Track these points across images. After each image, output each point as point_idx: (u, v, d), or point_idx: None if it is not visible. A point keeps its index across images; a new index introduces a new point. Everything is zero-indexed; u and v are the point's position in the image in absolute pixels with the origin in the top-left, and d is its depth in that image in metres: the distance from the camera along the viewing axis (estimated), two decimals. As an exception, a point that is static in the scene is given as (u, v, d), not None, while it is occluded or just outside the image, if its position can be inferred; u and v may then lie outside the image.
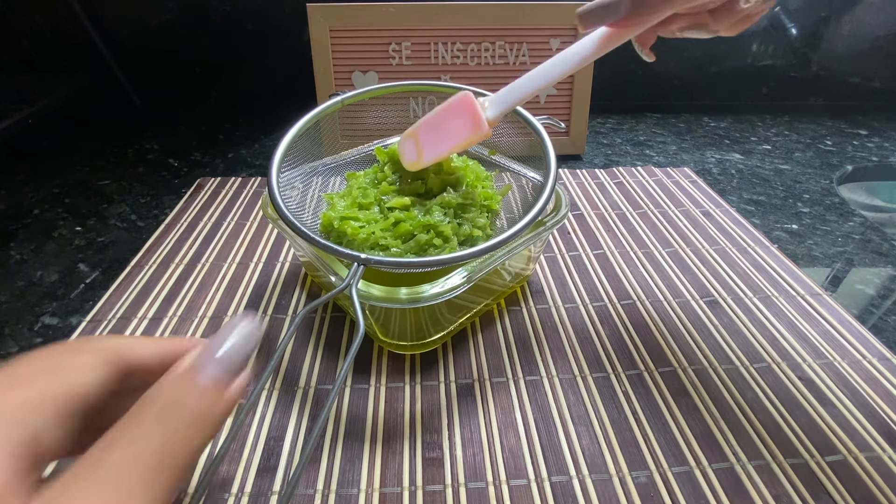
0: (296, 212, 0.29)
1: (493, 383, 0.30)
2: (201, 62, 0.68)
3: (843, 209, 0.49)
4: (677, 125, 0.69)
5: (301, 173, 0.33)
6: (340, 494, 0.24)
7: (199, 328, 0.34)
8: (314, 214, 0.32)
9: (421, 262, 0.25)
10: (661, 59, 0.71)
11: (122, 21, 0.65)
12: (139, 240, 0.43)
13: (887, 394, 0.30)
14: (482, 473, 0.25)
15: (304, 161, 0.33)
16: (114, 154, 0.58)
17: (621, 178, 0.53)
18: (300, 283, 0.38)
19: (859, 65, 0.73)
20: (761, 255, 0.41)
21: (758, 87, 0.75)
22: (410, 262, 0.25)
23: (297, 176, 0.32)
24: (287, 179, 0.31)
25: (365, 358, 0.32)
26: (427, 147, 0.29)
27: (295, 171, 0.32)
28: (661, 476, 0.25)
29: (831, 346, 0.33)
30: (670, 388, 0.30)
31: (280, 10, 0.64)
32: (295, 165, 0.32)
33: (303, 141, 0.32)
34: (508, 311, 0.35)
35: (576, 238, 0.43)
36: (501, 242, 0.25)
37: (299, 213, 0.30)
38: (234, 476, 0.25)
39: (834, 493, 0.25)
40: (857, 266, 0.41)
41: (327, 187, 0.35)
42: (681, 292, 0.37)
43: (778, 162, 0.59)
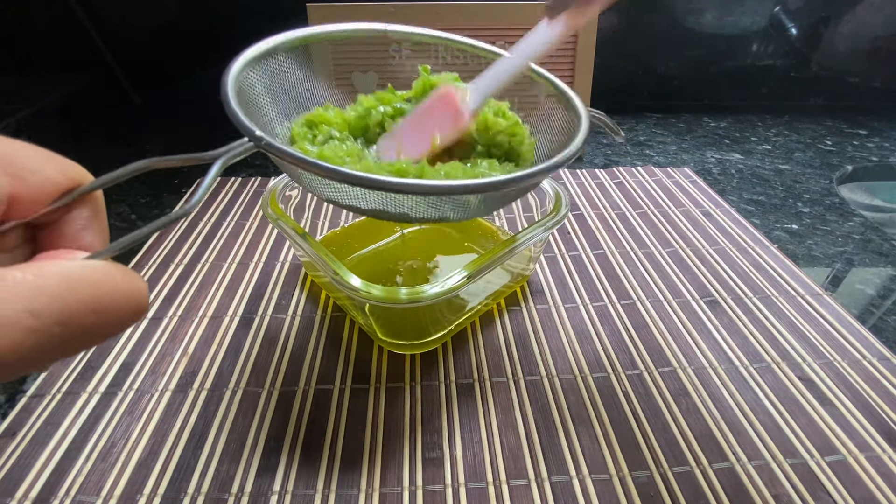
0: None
1: (493, 383, 0.30)
2: (201, 62, 0.68)
3: (843, 209, 0.49)
4: (677, 125, 0.69)
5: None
6: (340, 494, 0.24)
7: (200, 328, 0.34)
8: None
9: (361, 178, 0.20)
10: (662, 59, 0.71)
11: (122, 21, 0.65)
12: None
13: (887, 394, 0.30)
14: (482, 473, 0.25)
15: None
16: (114, 154, 0.58)
17: (621, 178, 0.53)
18: (300, 283, 0.38)
19: (859, 65, 0.73)
20: (761, 255, 0.41)
21: (758, 87, 0.75)
22: (338, 170, 0.20)
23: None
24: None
25: (365, 358, 0.32)
26: (407, 146, 0.27)
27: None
28: (661, 476, 0.25)
29: (831, 346, 0.33)
30: (670, 388, 0.30)
31: (280, 9, 0.64)
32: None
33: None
34: (508, 311, 0.35)
35: (576, 238, 0.43)
36: (505, 182, 0.22)
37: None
38: (234, 476, 0.25)
39: (834, 493, 0.25)
40: (857, 266, 0.41)
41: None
42: (681, 292, 0.37)
43: (778, 162, 0.59)
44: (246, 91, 0.26)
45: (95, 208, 0.15)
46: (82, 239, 0.15)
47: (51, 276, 0.11)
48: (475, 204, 0.25)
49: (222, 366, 0.31)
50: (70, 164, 0.15)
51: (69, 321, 0.11)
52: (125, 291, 0.13)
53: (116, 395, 0.29)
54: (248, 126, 0.21)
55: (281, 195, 0.36)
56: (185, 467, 0.25)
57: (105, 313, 0.12)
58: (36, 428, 0.27)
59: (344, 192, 0.24)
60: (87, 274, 0.12)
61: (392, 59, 0.55)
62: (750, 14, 0.69)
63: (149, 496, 0.24)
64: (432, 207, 0.24)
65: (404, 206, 0.23)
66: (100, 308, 0.12)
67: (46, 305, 0.11)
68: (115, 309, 0.12)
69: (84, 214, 0.15)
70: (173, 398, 0.29)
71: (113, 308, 0.12)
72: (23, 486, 0.24)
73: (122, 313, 0.13)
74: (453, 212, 0.25)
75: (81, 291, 0.12)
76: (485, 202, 0.26)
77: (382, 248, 0.39)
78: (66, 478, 0.25)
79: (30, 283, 0.11)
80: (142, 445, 0.26)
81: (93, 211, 0.15)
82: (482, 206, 0.26)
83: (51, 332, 0.11)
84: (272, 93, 0.28)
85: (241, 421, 0.28)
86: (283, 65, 0.29)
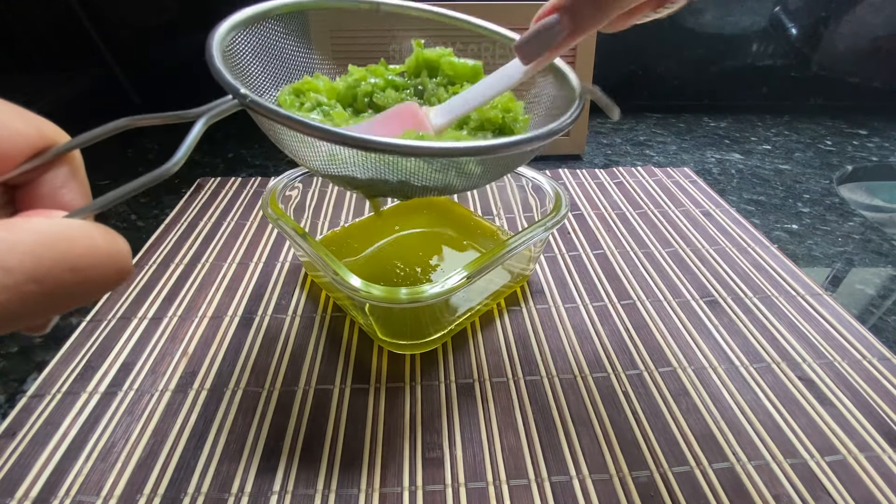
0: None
1: (493, 383, 0.30)
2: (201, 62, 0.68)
3: (843, 209, 0.49)
4: (677, 125, 0.69)
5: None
6: (340, 494, 0.24)
7: (200, 328, 0.34)
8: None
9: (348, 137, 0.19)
10: (662, 59, 0.71)
11: (122, 21, 0.65)
12: (139, 240, 0.43)
13: (887, 394, 0.30)
14: (482, 473, 0.25)
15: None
16: (114, 154, 0.58)
17: (621, 178, 0.53)
18: (300, 283, 0.38)
19: (859, 65, 0.73)
20: (761, 255, 0.41)
21: (758, 87, 0.75)
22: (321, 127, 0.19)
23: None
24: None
25: (365, 358, 0.32)
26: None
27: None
28: (661, 476, 0.25)
29: (831, 346, 0.33)
30: (670, 388, 0.30)
31: (280, 10, 0.64)
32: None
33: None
34: (508, 311, 0.35)
35: (576, 238, 0.43)
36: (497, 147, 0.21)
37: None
38: (234, 476, 0.25)
39: (834, 493, 0.25)
40: (857, 266, 0.41)
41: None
42: (681, 292, 0.37)
43: (778, 162, 0.59)
44: (233, 55, 0.25)
45: (74, 167, 0.15)
46: (61, 197, 0.15)
47: (24, 232, 0.11)
48: (476, 170, 0.24)
49: (222, 366, 0.31)
50: (44, 122, 0.15)
51: (44, 278, 0.11)
52: (106, 250, 0.13)
53: (116, 395, 0.29)
54: (232, 84, 0.20)
55: (281, 195, 0.36)
56: (185, 467, 0.25)
57: (84, 271, 0.12)
58: (36, 428, 0.27)
59: (334, 157, 0.22)
60: (63, 231, 0.12)
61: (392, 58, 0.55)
62: (750, 14, 0.69)
63: (149, 496, 0.24)
64: (436, 172, 0.23)
65: (405, 172, 0.22)
66: (78, 266, 0.12)
67: (19, 263, 0.11)
68: (94, 267, 0.12)
69: (62, 173, 0.15)
70: (173, 398, 0.29)
71: (92, 266, 0.12)
72: (23, 486, 0.24)
73: (102, 271, 0.12)
74: (457, 179, 0.24)
75: (57, 248, 0.11)
76: (484, 167, 0.25)
77: (382, 247, 0.39)
78: (66, 478, 0.25)
79: (2, 239, 0.11)
80: (142, 445, 0.26)
81: (71, 170, 0.15)
82: (483, 173, 0.25)
83: (24, 290, 0.11)
84: (261, 59, 0.28)
85: (241, 421, 0.28)
86: (273, 31, 0.28)
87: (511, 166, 0.28)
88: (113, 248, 0.13)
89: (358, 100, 0.28)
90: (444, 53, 0.30)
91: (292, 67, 0.30)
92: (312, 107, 0.27)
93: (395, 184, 0.23)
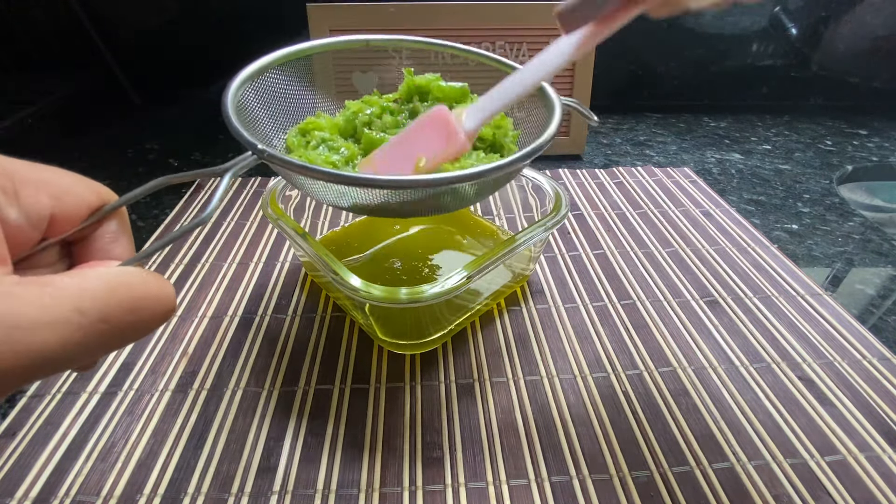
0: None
1: (493, 383, 0.30)
2: (201, 62, 0.68)
3: (843, 209, 0.49)
4: (677, 125, 0.69)
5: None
6: (340, 494, 0.24)
7: (200, 328, 0.34)
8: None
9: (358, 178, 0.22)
10: (662, 59, 0.71)
11: (122, 21, 0.65)
12: (139, 240, 0.43)
13: (887, 394, 0.30)
14: (482, 473, 0.25)
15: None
16: (114, 154, 0.58)
17: (621, 178, 0.53)
18: (300, 283, 0.38)
19: (859, 65, 0.73)
20: (761, 255, 0.41)
21: (758, 87, 0.75)
22: (335, 173, 0.22)
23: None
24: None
25: (365, 358, 0.32)
26: (390, 166, 0.26)
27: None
28: (661, 476, 0.25)
29: (831, 346, 0.33)
30: (670, 388, 0.30)
31: (280, 10, 0.64)
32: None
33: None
34: (508, 311, 0.35)
35: (576, 238, 0.43)
36: (485, 172, 0.23)
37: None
38: (234, 476, 0.25)
39: (834, 493, 0.25)
40: (857, 266, 0.41)
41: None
42: (681, 292, 0.37)
43: (778, 162, 0.59)
44: (244, 108, 0.28)
45: (122, 223, 0.17)
46: (112, 251, 0.17)
47: (93, 279, 0.13)
48: (468, 192, 0.26)
49: (222, 366, 0.31)
50: (99, 186, 0.17)
51: (110, 319, 0.13)
52: (157, 294, 0.14)
53: (116, 395, 0.29)
54: (250, 140, 0.23)
55: (281, 195, 0.36)
56: (185, 467, 0.25)
57: (140, 312, 0.14)
58: (36, 428, 0.27)
59: (342, 193, 0.25)
60: (124, 277, 0.14)
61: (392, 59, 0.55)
62: (750, 14, 0.69)
63: (149, 496, 0.24)
64: (429, 197, 0.25)
65: (404, 197, 0.25)
66: (136, 307, 0.13)
67: (91, 305, 0.12)
68: (148, 308, 0.14)
69: (112, 229, 0.17)
70: (173, 398, 0.29)
71: (147, 307, 0.14)
72: (23, 486, 0.24)
73: (154, 312, 0.14)
74: (451, 200, 0.26)
75: (120, 292, 0.13)
76: (475, 190, 0.27)
77: (382, 248, 0.39)
78: (66, 478, 0.25)
79: (76, 285, 0.12)
80: (142, 445, 0.26)
81: (120, 225, 0.17)
82: (474, 194, 0.27)
83: (95, 329, 0.12)
84: (267, 106, 0.30)
85: (241, 421, 0.28)
86: (276, 80, 0.31)
87: (504, 183, 0.30)
88: (163, 291, 0.14)
89: (358, 130, 0.30)
90: (433, 79, 0.31)
91: (296, 109, 0.32)
92: (317, 144, 0.29)
93: (396, 206, 0.26)
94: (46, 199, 0.15)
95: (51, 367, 0.12)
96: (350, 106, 0.31)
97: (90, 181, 0.16)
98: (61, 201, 0.15)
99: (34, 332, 0.11)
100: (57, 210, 0.15)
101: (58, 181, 0.15)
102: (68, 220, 0.15)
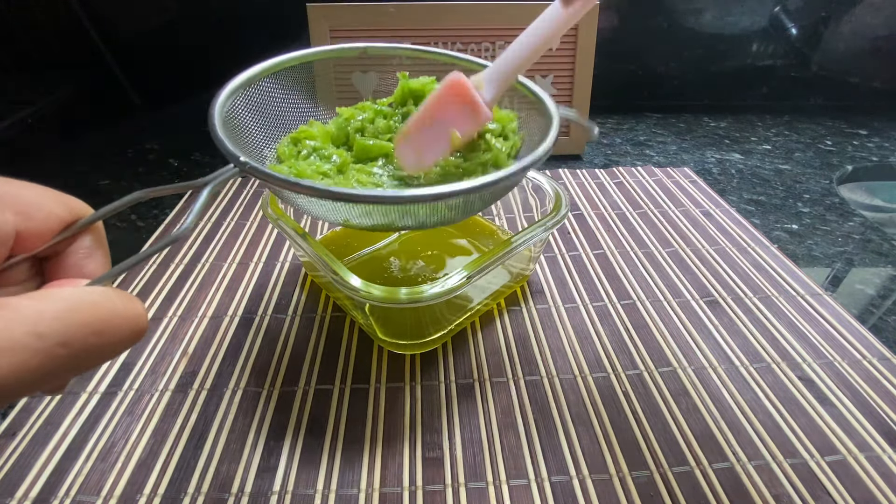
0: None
1: (493, 383, 0.30)
2: (201, 62, 0.68)
3: (843, 209, 0.49)
4: (677, 125, 0.69)
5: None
6: (340, 494, 0.24)
7: (200, 328, 0.34)
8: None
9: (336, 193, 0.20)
10: (662, 59, 0.71)
11: (122, 21, 0.65)
12: (139, 240, 0.43)
13: (887, 394, 0.30)
14: (482, 473, 0.25)
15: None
16: (114, 154, 0.58)
17: (621, 178, 0.53)
18: (300, 283, 0.38)
19: (859, 65, 0.73)
20: (761, 255, 0.41)
21: (758, 87, 0.75)
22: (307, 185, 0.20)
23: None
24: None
25: (365, 358, 0.32)
26: (426, 148, 0.27)
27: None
28: (661, 476, 0.25)
29: (831, 346, 0.33)
30: (670, 388, 0.30)
31: (280, 10, 0.64)
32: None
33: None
34: (508, 311, 0.35)
35: (576, 238, 0.43)
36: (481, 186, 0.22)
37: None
38: (234, 476, 0.25)
39: (834, 493, 0.25)
40: (857, 266, 0.41)
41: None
42: (681, 292, 0.37)
43: (778, 162, 0.59)
44: (233, 118, 0.27)
45: (97, 238, 0.16)
46: (85, 267, 0.16)
47: (53, 301, 0.12)
48: (464, 204, 0.25)
49: (222, 366, 0.31)
50: (71, 199, 0.16)
51: (71, 342, 0.12)
52: (124, 314, 0.13)
53: (116, 395, 0.29)
54: (232, 152, 0.22)
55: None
56: (185, 467, 0.25)
57: (106, 334, 0.13)
58: (36, 428, 0.27)
59: (334, 208, 0.24)
60: (87, 298, 0.13)
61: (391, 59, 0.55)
62: (750, 14, 0.69)
63: (149, 496, 0.24)
64: (428, 215, 0.24)
65: (408, 218, 0.24)
66: (101, 329, 0.13)
67: (49, 328, 0.12)
68: (115, 330, 0.13)
69: (86, 244, 0.16)
70: (173, 398, 0.29)
71: (113, 329, 0.13)
72: (23, 486, 0.24)
73: (121, 334, 0.13)
74: (449, 212, 0.25)
75: (83, 314, 0.12)
76: (476, 202, 0.26)
77: (382, 247, 0.39)
78: (66, 478, 0.25)
79: (34, 307, 0.12)
80: (142, 445, 0.26)
81: (95, 241, 0.16)
82: (474, 206, 0.27)
83: (55, 353, 0.12)
84: (257, 116, 0.29)
85: (241, 421, 0.28)
86: (267, 89, 0.30)
87: (502, 194, 0.29)
88: (130, 311, 0.14)
89: (350, 137, 0.30)
90: (427, 82, 0.31)
91: (289, 119, 0.31)
92: (308, 153, 0.28)
93: (399, 220, 0.25)
94: (11, 216, 0.14)
95: (10, 393, 0.11)
96: (342, 113, 0.31)
97: (61, 195, 0.16)
98: (28, 217, 0.14)
99: None
100: (23, 227, 0.14)
101: (24, 196, 0.15)
102: (37, 236, 0.15)
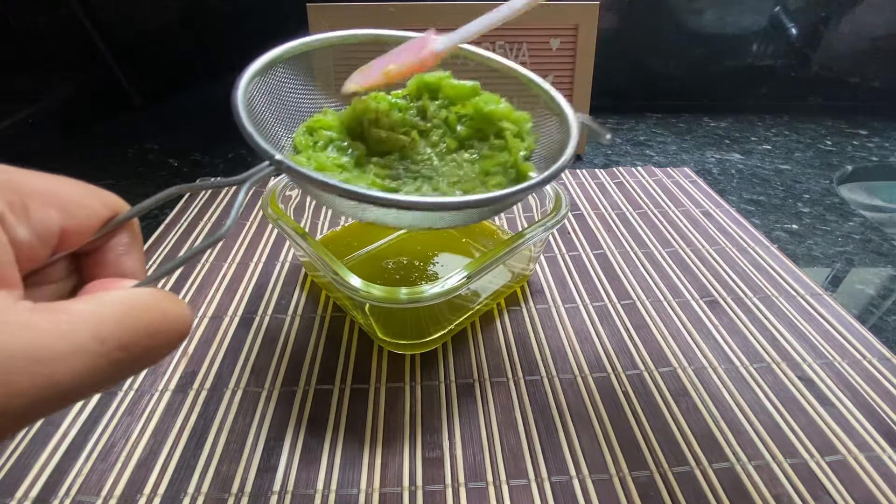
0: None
1: (493, 383, 0.30)
2: (201, 62, 0.68)
3: (843, 209, 0.49)
4: (677, 125, 0.69)
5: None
6: (340, 494, 0.24)
7: (200, 328, 0.34)
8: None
9: (372, 197, 0.21)
10: (662, 59, 0.71)
11: (122, 21, 0.65)
12: (139, 240, 0.43)
13: (887, 394, 0.30)
14: (482, 473, 0.25)
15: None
16: (114, 154, 0.58)
17: (621, 178, 0.53)
18: (300, 283, 0.38)
19: (859, 65, 0.73)
20: (761, 255, 0.41)
21: (758, 87, 0.75)
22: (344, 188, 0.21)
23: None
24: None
25: (365, 358, 0.32)
26: (365, 73, 0.29)
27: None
28: (661, 476, 0.25)
29: (831, 346, 0.33)
30: (670, 388, 0.30)
31: (280, 10, 0.64)
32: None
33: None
34: (508, 311, 0.35)
35: (576, 238, 0.43)
36: (499, 197, 0.23)
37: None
38: (234, 476, 0.25)
39: (834, 493, 0.25)
40: (857, 266, 0.41)
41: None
42: (681, 292, 0.37)
43: (778, 162, 0.59)
44: (251, 107, 0.26)
45: (133, 235, 0.16)
46: (123, 264, 0.16)
47: (110, 304, 0.12)
48: (478, 211, 0.26)
49: (222, 366, 0.31)
50: (109, 195, 0.16)
51: (129, 345, 0.12)
52: (172, 315, 0.14)
53: (116, 395, 0.29)
54: (267, 150, 0.21)
55: (281, 195, 0.36)
56: (185, 467, 0.25)
57: (158, 336, 0.13)
58: (36, 428, 0.27)
59: (364, 207, 0.25)
60: (140, 300, 0.13)
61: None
62: (750, 14, 0.69)
63: (149, 496, 0.24)
64: (441, 220, 0.26)
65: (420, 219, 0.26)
66: (153, 331, 0.13)
67: (109, 332, 0.12)
68: (165, 331, 0.13)
69: (124, 241, 0.16)
70: (173, 398, 0.29)
71: (164, 331, 0.13)
72: (23, 486, 0.24)
73: (171, 335, 0.14)
74: (462, 217, 0.27)
75: (137, 317, 0.13)
76: (486, 211, 0.27)
77: (383, 247, 0.39)
78: (66, 478, 0.25)
79: (93, 312, 0.12)
80: (142, 445, 0.26)
81: (131, 237, 0.16)
82: (486, 213, 0.28)
83: (114, 357, 0.12)
84: (273, 105, 0.29)
85: (241, 421, 0.28)
86: (282, 77, 0.29)
87: (514, 203, 0.31)
88: (178, 312, 0.14)
89: (365, 129, 0.30)
90: (443, 76, 0.31)
91: (303, 106, 0.31)
92: (325, 145, 0.28)
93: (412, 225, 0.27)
94: (56, 213, 0.14)
95: (72, 397, 0.11)
96: (355, 105, 0.30)
97: (101, 191, 0.16)
98: (72, 214, 0.14)
99: (55, 364, 0.11)
100: (67, 223, 0.14)
101: (67, 192, 0.14)
102: (79, 233, 0.15)
